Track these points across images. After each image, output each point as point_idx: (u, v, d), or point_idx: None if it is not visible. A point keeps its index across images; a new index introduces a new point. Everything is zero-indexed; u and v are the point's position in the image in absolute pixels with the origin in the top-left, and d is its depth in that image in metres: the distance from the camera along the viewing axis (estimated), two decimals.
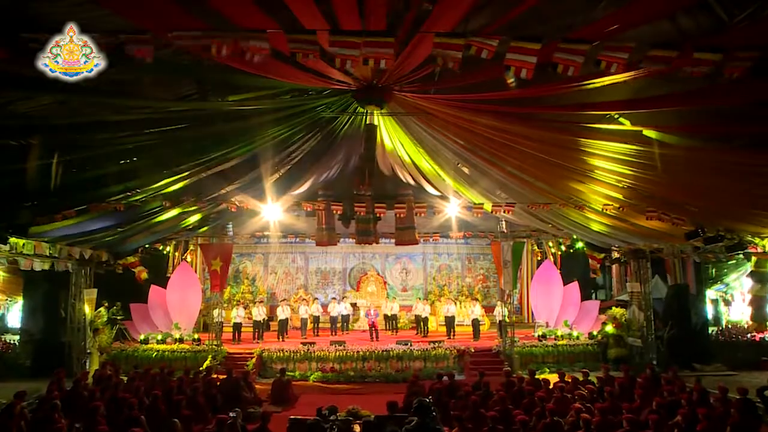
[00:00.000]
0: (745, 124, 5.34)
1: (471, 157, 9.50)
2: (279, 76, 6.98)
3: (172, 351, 14.91)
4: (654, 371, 11.25)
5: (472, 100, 6.90)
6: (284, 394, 11.15)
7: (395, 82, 7.62)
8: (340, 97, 8.30)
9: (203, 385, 10.05)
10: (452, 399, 9.42)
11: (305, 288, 21.49)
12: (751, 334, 16.72)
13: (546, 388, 9.70)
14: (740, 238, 10.02)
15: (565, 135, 6.91)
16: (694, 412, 7.69)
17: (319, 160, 10.70)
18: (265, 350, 14.76)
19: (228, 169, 9.49)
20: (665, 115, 5.86)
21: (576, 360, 15.09)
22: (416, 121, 9.14)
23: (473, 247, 21.54)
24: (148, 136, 7.58)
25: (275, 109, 8.03)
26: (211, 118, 7.86)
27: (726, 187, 7.56)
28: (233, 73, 6.96)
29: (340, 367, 14.10)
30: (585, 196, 9.83)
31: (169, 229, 13.25)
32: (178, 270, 18.16)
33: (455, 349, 14.64)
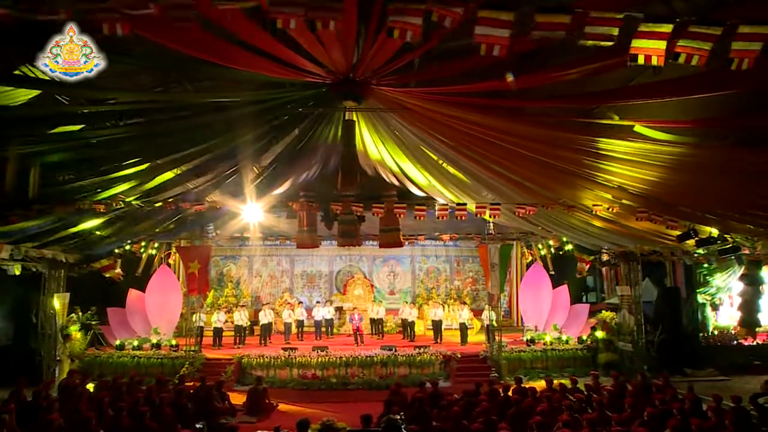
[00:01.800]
0: (742, 117, 4.98)
1: (455, 156, 9.08)
2: (247, 67, 6.54)
3: (148, 357, 14.36)
4: (645, 378, 10.91)
5: (454, 93, 6.49)
6: (260, 404, 10.67)
7: (372, 74, 7.19)
8: (316, 91, 7.85)
9: (174, 394, 9.53)
10: (435, 408, 8.98)
11: (290, 291, 21.04)
12: (736, 341, 16.40)
13: (533, 398, 9.29)
14: (733, 240, 9.69)
15: (554, 131, 6.52)
16: (687, 423, 7.32)
17: (298, 158, 10.25)
18: (244, 356, 14.26)
19: (200, 167, 9.01)
20: (656, 108, 5.48)
21: (565, 365, 14.76)
22: (397, 118, 8.71)
23: (462, 249, 21.14)
24: (111, 130, 7.08)
25: (248, 103, 7.56)
26: (178, 112, 7.38)
27: (719, 187, 7.22)
28: (200, 65, 6.55)
29: (322, 374, 13.63)
30: (574, 196, 9.46)
31: (143, 231, 12.69)
32: (158, 273, 17.64)
33: (441, 354, 14.22)
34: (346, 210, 10.97)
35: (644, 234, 11.23)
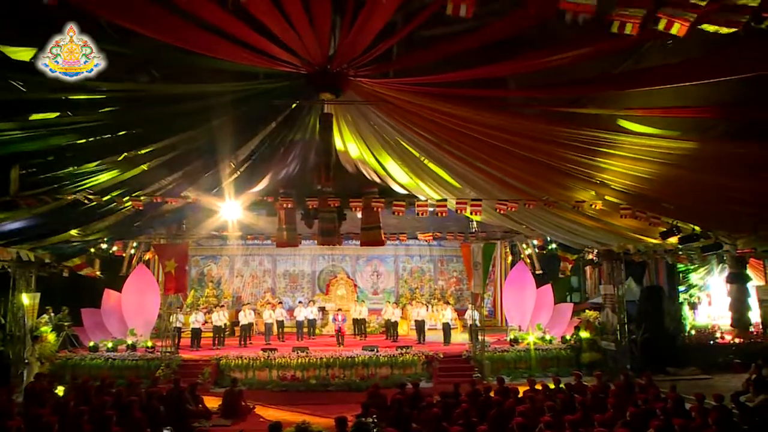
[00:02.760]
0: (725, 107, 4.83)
1: (436, 151, 8.87)
2: (217, 54, 6.25)
3: (122, 359, 13.93)
4: (628, 377, 10.81)
5: (433, 83, 6.27)
6: (236, 406, 10.35)
7: (349, 65, 6.95)
8: (291, 82, 7.58)
9: (145, 397, 9.17)
10: (415, 410, 8.75)
11: (272, 291, 20.72)
12: (713, 341, 16.43)
13: (515, 398, 9.11)
14: (715, 238, 9.61)
15: (535, 123, 6.33)
16: (670, 424, 7.19)
17: (275, 153, 9.97)
18: (222, 358, 13.91)
19: (173, 160, 8.67)
20: (639, 99, 5.31)
21: (549, 365, 14.66)
22: (376, 112, 8.48)
23: (446, 249, 20.97)
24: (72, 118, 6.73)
25: (220, 93, 7.27)
26: (149, 101, 7.05)
27: (701, 182, 7.09)
28: (169, 51, 6.24)
29: (302, 375, 13.34)
30: (557, 192, 9.30)
31: (112, 228, 12.26)
32: (135, 272, 17.18)
33: (424, 355, 14.01)
34: (323, 206, 10.69)
35: (627, 232, 11.13)
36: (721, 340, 16.50)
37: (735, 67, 4.17)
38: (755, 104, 4.67)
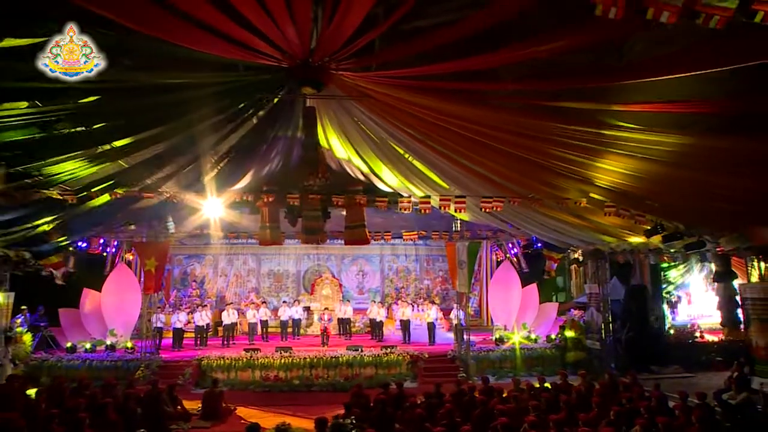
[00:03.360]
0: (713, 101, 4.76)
1: (420, 148, 8.75)
2: (195, 44, 6.05)
3: (100, 360, 13.61)
4: (612, 377, 10.79)
5: (416, 76, 6.14)
6: (216, 408, 10.13)
7: (331, 58, 6.79)
8: (271, 75, 7.40)
9: (121, 399, 8.93)
10: (398, 410, 8.62)
11: (257, 291, 20.48)
12: (692, 339, 16.55)
13: (499, 398, 9.03)
14: (699, 236, 9.61)
15: (519, 117, 6.22)
16: (654, 422, 7.16)
17: (257, 149, 9.77)
18: (204, 358, 13.66)
19: (152, 155, 8.43)
20: (625, 94, 5.23)
21: (534, 365, 14.63)
22: (359, 107, 8.33)
23: (432, 248, 20.87)
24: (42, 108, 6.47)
25: (197, 85, 7.06)
26: (123, 92, 6.79)
27: (684, 178, 7.03)
28: (145, 40, 6.03)
29: (286, 376, 13.15)
30: (541, 190, 9.22)
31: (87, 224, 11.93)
32: (115, 271, 16.84)
33: (408, 354, 13.90)
34: (307, 204, 10.52)
35: (611, 230, 11.11)
36: (700, 339, 16.63)
37: (718, 60, 4.10)
38: (741, 98, 4.61)
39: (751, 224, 8.70)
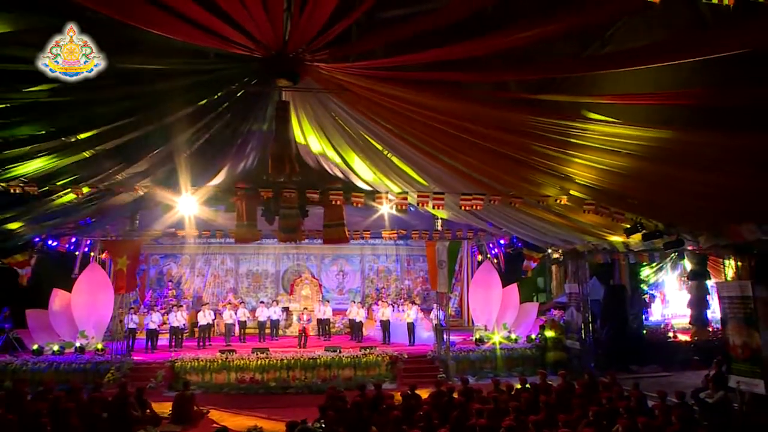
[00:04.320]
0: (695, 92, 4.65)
1: (398, 143, 8.56)
2: (166, 31, 5.76)
3: (69, 363, 13.12)
4: (592, 376, 10.74)
5: (395, 66, 5.93)
6: (187, 411, 9.79)
7: (306, 48, 6.56)
8: (244, 65, 7.14)
9: (87, 403, 8.56)
10: (375, 412, 8.42)
11: (235, 291, 20.08)
12: (668, 339, 16.66)
13: (479, 399, 8.88)
14: (678, 234, 9.59)
15: (498, 111, 6.06)
16: (635, 422, 7.07)
17: (231, 144, 9.48)
18: (178, 360, 13.27)
19: (118, 147, 8.08)
20: (607, 87, 5.10)
21: (514, 365, 14.56)
22: (337, 101, 8.11)
23: (413, 248, 20.69)
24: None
25: (166, 74, 6.75)
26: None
27: (664, 174, 6.95)
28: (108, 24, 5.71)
29: (262, 377, 12.84)
30: (521, 187, 9.10)
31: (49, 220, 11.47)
32: (87, 271, 16.24)
33: (388, 355, 13.69)
34: (284, 202, 10.26)
35: (591, 229, 11.06)
36: (674, 339, 16.70)
37: (700, 50, 3.99)
38: (723, 90, 4.52)
39: (728, 222, 8.68)
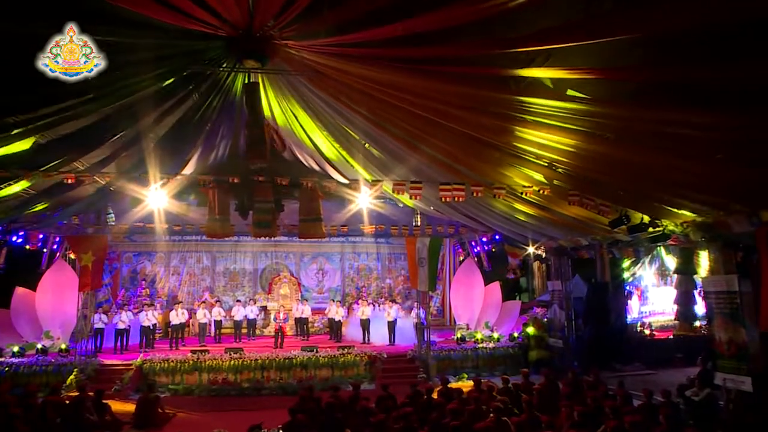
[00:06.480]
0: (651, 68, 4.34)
1: (372, 129, 8.14)
2: (125, 3, 5.25)
3: (29, 365, 12.43)
4: (576, 375, 10.43)
5: (362, 41, 5.51)
6: (151, 415, 9.25)
7: (274, 23, 6.11)
8: (210, 44, 6.66)
9: (40, 408, 7.98)
10: (350, 414, 7.98)
11: (211, 290, 19.45)
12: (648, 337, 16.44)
13: (459, 399, 8.49)
14: (664, 227, 9.32)
15: (472, 89, 5.68)
16: (623, 422, 6.76)
17: (197, 132, 8.97)
18: (147, 361, 12.67)
19: (71, 132, 7.52)
20: (570, 59, 4.74)
21: (497, 364, 14.25)
22: (308, 85, 7.66)
23: (394, 246, 20.22)
24: None
25: (120, 48, 6.20)
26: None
27: (642, 159, 6.64)
28: None
29: (235, 378, 12.31)
30: (502, 176, 8.74)
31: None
32: (53, 268, 15.54)
33: (367, 355, 13.26)
34: (257, 195, 9.79)
35: (575, 222, 10.75)
36: (648, 336, 16.40)
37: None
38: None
39: (718, 213, 8.43)
